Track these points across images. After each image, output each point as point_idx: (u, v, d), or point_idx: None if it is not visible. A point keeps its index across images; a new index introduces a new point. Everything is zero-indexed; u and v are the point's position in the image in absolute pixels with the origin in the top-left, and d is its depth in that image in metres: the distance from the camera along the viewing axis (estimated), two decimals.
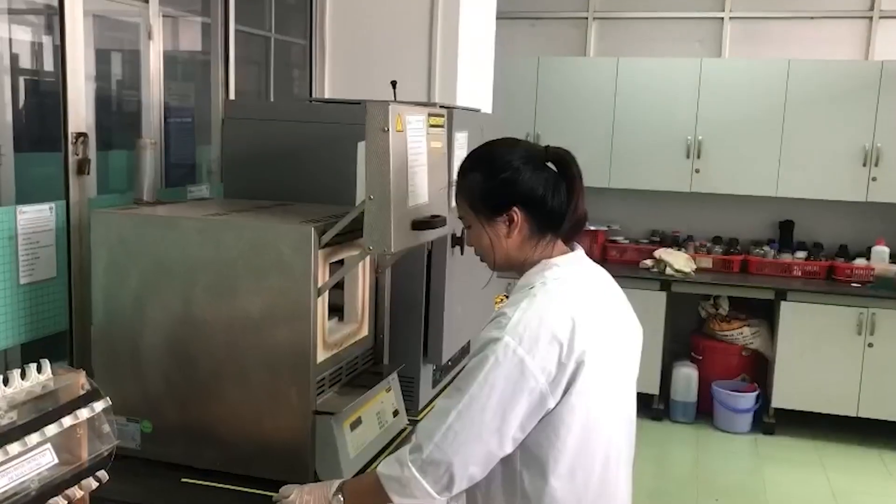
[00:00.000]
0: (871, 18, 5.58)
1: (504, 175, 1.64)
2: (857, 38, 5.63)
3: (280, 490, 1.75)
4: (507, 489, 1.63)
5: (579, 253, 1.72)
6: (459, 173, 1.72)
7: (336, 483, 1.71)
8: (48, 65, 2.92)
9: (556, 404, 1.55)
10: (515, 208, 1.64)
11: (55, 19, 2.35)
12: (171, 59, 3.36)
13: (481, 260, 1.77)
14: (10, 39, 2.90)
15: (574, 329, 1.55)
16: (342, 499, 1.67)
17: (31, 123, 3.11)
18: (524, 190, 1.63)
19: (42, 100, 3.11)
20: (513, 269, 1.73)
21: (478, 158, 1.71)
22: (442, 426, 1.54)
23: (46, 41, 2.97)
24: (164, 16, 3.18)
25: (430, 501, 1.56)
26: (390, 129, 1.78)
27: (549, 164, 1.66)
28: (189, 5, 3.54)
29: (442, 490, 1.55)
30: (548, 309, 1.56)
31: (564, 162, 1.65)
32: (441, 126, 2.11)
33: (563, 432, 1.57)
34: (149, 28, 3.09)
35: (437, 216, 2.03)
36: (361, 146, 1.85)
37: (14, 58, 2.96)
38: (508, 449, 1.56)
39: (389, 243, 1.83)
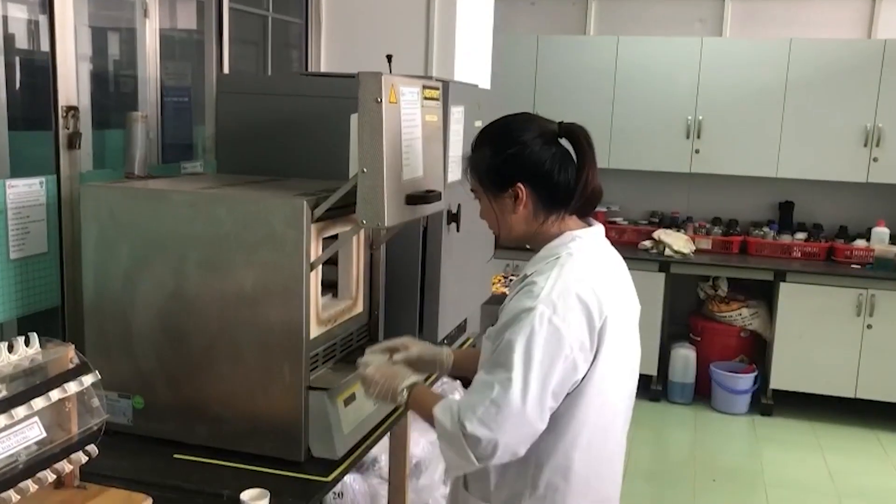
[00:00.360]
0: None
1: (511, 150, 1.63)
2: (859, 17, 5.57)
3: (366, 357, 1.84)
4: (521, 458, 1.62)
5: (599, 228, 1.72)
6: (472, 147, 1.72)
7: (410, 380, 1.74)
8: (45, 45, 2.90)
9: (583, 376, 1.56)
10: (520, 184, 1.63)
11: None
12: (167, 39, 3.33)
13: (495, 234, 1.77)
14: (6, 17, 2.86)
15: (599, 300, 1.56)
16: (405, 397, 1.72)
17: (25, 101, 3.08)
18: (529, 166, 1.62)
19: (38, 79, 3.09)
20: (522, 243, 1.73)
21: (488, 133, 1.71)
22: (485, 400, 1.52)
23: (42, 20, 2.94)
24: None
25: (466, 464, 1.56)
26: (383, 101, 1.75)
27: (562, 140, 1.64)
28: None
29: (482, 460, 1.55)
30: (577, 278, 1.57)
31: (576, 137, 1.64)
32: (436, 99, 2.08)
33: (583, 403, 1.58)
34: (145, 6, 3.06)
35: (433, 191, 2.01)
36: (354, 118, 1.82)
37: (9, 37, 2.93)
38: (546, 420, 1.55)
39: (383, 217, 1.80)
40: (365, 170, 1.78)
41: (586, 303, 1.55)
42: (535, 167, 1.62)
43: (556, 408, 1.57)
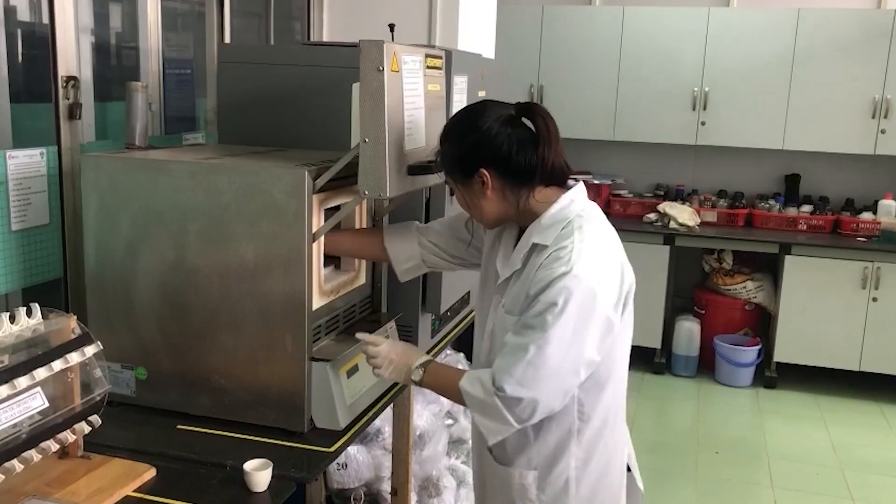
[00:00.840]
0: None
1: (469, 139, 1.69)
2: None
3: (371, 337, 1.83)
4: (562, 413, 1.69)
5: (581, 186, 1.75)
6: (439, 142, 1.78)
7: (423, 358, 1.77)
8: (44, 15, 2.89)
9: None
10: (483, 169, 1.68)
11: None
12: (169, 10, 3.30)
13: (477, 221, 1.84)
14: None
15: (621, 259, 1.66)
16: (422, 375, 1.74)
17: (27, 75, 3.07)
18: (488, 151, 1.67)
19: (39, 51, 3.08)
20: (504, 222, 1.78)
21: (449, 126, 1.77)
22: (521, 362, 1.57)
23: None
24: None
25: (506, 428, 1.62)
26: (385, 69, 1.73)
27: (524, 121, 1.68)
28: None
29: (522, 422, 1.61)
30: (601, 238, 1.65)
31: (533, 116, 1.68)
32: (439, 68, 2.05)
33: (616, 356, 1.69)
34: None
35: (435, 161, 1.98)
36: (356, 87, 1.80)
37: (11, 10, 2.91)
38: (584, 376, 1.63)
39: (385, 187, 1.79)
40: (366, 140, 1.76)
41: (614, 259, 1.64)
42: (494, 151, 1.66)
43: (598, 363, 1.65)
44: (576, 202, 1.69)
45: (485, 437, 1.66)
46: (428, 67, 1.97)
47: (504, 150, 1.66)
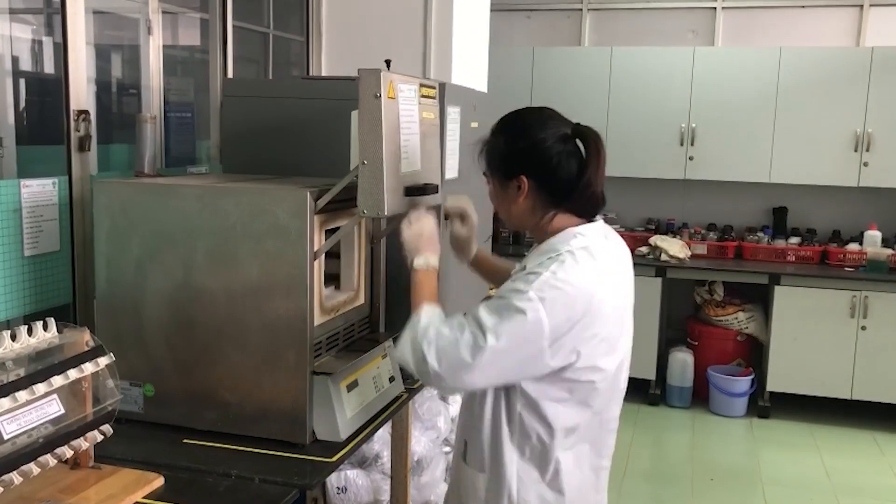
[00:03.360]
0: (861, 6, 5.63)
1: (522, 144, 1.73)
2: (848, 25, 5.69)
3: (425, 210, 1.94)
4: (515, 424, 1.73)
5: (601, 223, 1.78)
6: (490, 132, 1.82)
7: (434, 260, 1.86)
8: (57, 52, 3.01)
9: (563, 367, 1.63)
10: (524, 176, 1.72)
11: (54, 18, 2.40)
12: (170, 57, 3.43)
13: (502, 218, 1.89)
14: (11, 37, 2.96)
15: (590, 301, 1.62)
16: (419, 266, 1.84)
17: (31, 118, 3.18)
18: (536, 161, 1.71)
19: (44, 97, 3.20)
20: (525, 229, 1.86)
21: (506, 123, 1.82)
22: (452, 337, 1.63)
23: (47, 41, 3.05)
24: (163, 12, 3.24)
25: (408, 365, 1.72)
26: (382, 96, 1.84)
27: (576, 141, 1.72)
28: (188, 2, 3.62)
29: (420, 375, 1.69)
30: (574, 277, 1.62)
31: (586, 140, 1.72)
32: (433, 98, 2.17)
33: (564, 394, 1.67)
34: (148, 23, 3.16)
35: (430, 184, 2.09)
36: (355, 115, 1.91)
37: (15, 60, 3.03)
38: (481, 383, 1.68)
39: (383, 207, 1.88)
40: (365, 161, 1.86)
41: (576, 303, 1.60)
42: (541, 164, 1.70)
43: (545, 393, 1.66)
44: (579, 238, 1.68)
45: (395, 352, 1.74)
46: (423, 96, 2.09)
47: (551, 165, 1.69)
